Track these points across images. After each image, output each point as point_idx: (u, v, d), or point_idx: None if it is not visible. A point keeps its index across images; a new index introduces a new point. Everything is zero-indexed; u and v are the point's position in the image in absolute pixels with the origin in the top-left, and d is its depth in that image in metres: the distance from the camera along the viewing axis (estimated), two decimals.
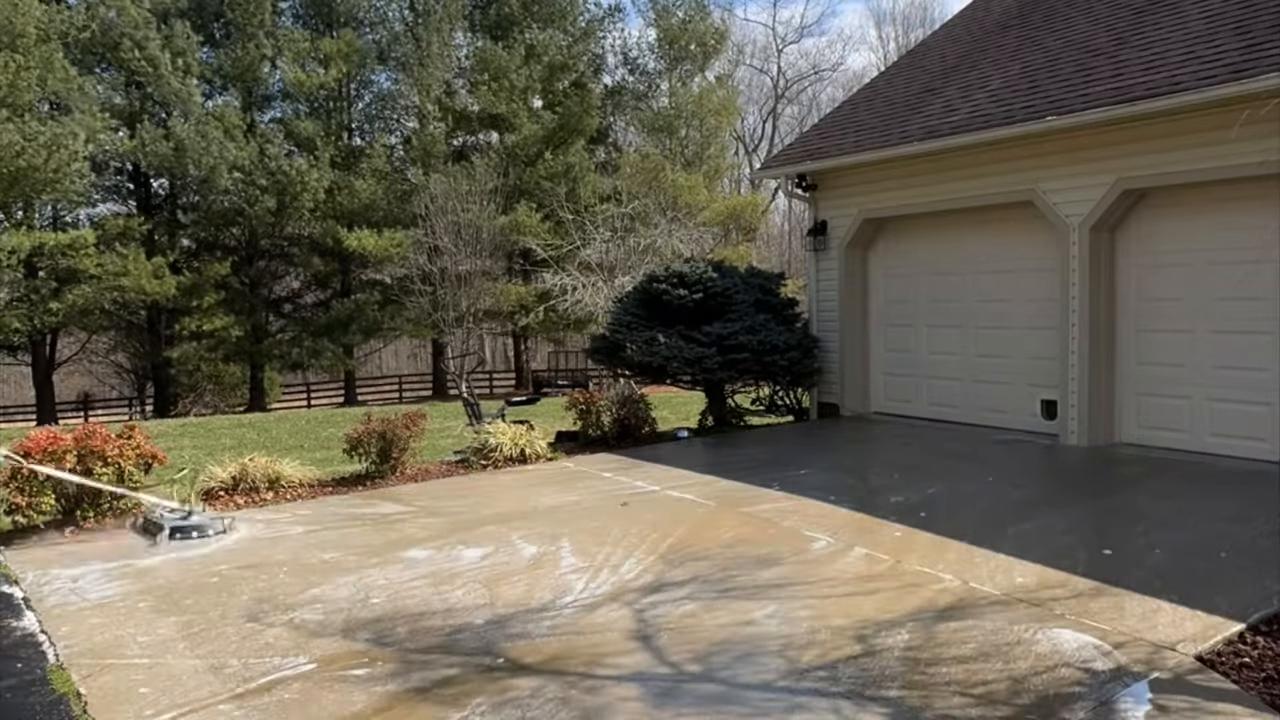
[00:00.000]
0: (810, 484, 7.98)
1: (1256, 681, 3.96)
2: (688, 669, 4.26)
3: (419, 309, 27.56)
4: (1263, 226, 8.02)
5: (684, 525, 6.77)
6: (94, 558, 6.27)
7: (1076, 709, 3.74)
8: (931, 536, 6.23)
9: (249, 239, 33.31)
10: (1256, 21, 8.24)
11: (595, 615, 4.96)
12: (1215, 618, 4.59)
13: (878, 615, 4.81)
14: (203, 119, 30.38)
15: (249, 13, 31.76)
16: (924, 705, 3.81)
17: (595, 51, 37.38)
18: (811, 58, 68.70)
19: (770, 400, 12.69)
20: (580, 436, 10.61)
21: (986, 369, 10.60)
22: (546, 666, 4.29)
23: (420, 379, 39.49)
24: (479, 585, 5.47)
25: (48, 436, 7.07)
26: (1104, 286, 9.25)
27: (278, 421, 20.16)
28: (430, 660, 4.41)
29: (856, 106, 12.98)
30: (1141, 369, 9.19)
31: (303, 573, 5.82)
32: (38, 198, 27.00)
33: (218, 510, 7.39)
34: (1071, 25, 10.66)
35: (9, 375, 45.26)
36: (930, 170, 10.61)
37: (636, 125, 37.90)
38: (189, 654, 4.53)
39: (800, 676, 4.13)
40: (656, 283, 11.60)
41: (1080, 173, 9.17)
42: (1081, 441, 9.31)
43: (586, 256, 26.51)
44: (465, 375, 17.42)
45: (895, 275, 11.67)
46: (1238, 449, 8.36)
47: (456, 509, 7.52)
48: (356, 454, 8.83)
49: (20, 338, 30.14)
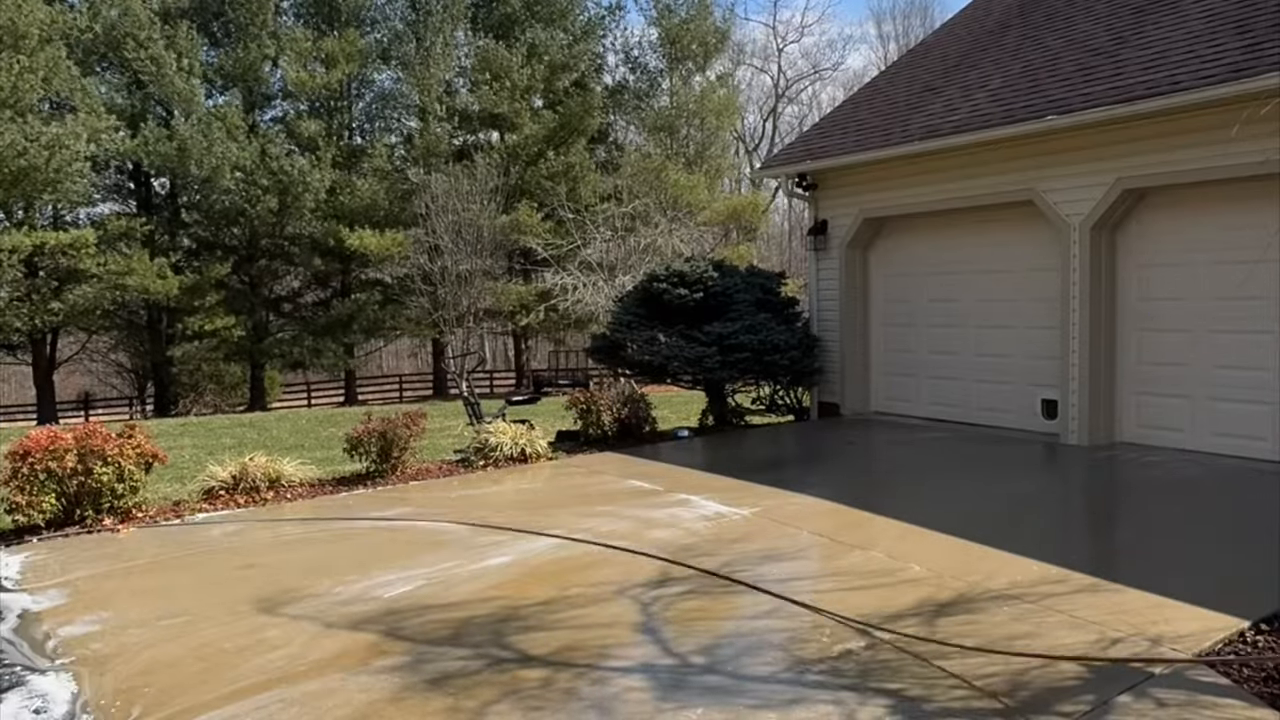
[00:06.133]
0: (811, 482, 7.98)
1: (1256, 680, 3.96)
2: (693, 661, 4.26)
3: (419, 308, 27.57)
4: (1263, 226, 8.01)
5: (687, 522, 6.77)
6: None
7: (1076, 704, 3.74)
8: (933, 534, 6.23)
9: (250, 238, 33.30)
10: (1257, 20, 8.23)
11: (604, 606, 4.96)
12: (1216, 616, 4.58)
13: (881, 608, 4.81)
14: (205, 119, 30.39)
15: (251, 12, 31.77)
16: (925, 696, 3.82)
17: (596, 51, 37.37)
18: (812, 57, 68.79)
19: (770, 400, 12.69)
20: (581, 436, 10.61)
21: (986, 369, 10.59)
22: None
23: (420, 378, 39.49)
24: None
25: (48, 436, 7.08)
26: (1104, 286, 9.24)
27: (278, 421, 20.16)
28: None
29: (857, 106, 12.98)
30: (1142, 368, 9.18)
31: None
32: (39, 197, 27.00)
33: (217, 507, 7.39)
34: (1072, 24, 10.66)
35: (9, 375, 45.31)
36: (931, 170, 10.60)
37: (637, 124, 37.90)
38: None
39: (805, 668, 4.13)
40: (657, 282, 11.60)
41: (1080, 172, 9.17)
42: (1082, 441, 9.31)
43: (587, 256, 26.52)
44: (466, 375, 17.40)
45: (895, 275, 11.67)
46: (1238, 448, 8.36)
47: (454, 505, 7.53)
48: (357, 454, 8.84)
49: (21, 337, 30.16)
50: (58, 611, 5.25)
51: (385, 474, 8.79)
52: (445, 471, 9.11)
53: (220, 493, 7.94)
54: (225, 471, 8.08)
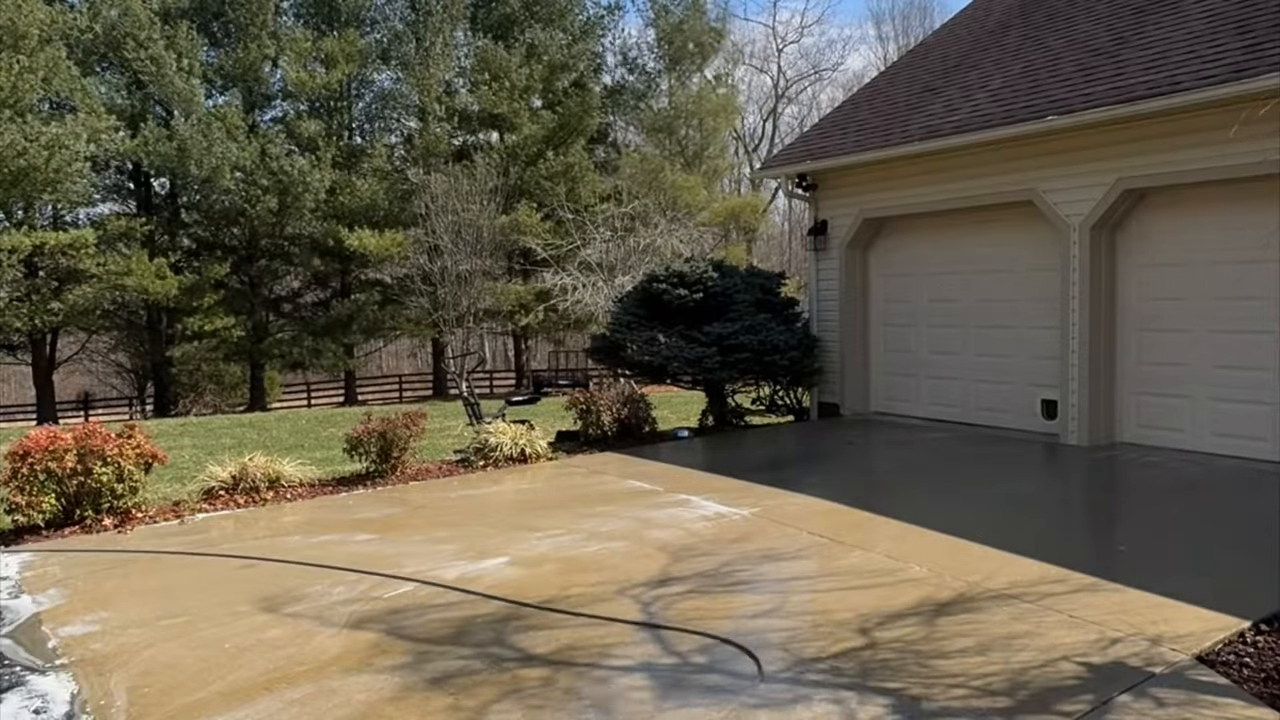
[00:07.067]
0: (810, 483, 7.97)
1: (1256, 681, 3.96)
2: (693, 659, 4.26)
3: (419, 308, 27.59)
4: (1263, 226, 8.01)
5: (687, 522, 6.77)
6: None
7: (1076, 703, 3.74)
8: (933, 534, 6.23)
9: (250, 238, 33.30)
10: (1258, 21, 8.23)
11: (608, 604, 4.96)
12: (1216, 616, 4.58)
13: (880, 607, 4.81)
14: (205, 119, 30.38)
15: (251, 12, 31.77)
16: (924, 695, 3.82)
17: (595, 51, 37.40)
18: (811, 58, 68.76)
19: (770, 400, 12.68)
20: (580, 436, 10.61)
21: (986, 369, 10.59)
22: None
23: (420, 379, 39.49)
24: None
25: (48, 436, 7.08)
26: (1104, 286, 9.24)
27: (278, 421, 20.15)
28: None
29: (857, 106, 12.98)
30: (1142, 368, 9.18)
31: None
32: (38, 197, 27.00)
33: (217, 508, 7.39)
34: (1073, 25, 10.66)
35: (9, 375, 45.31)
36: (931, 170, 10.60)
37: (636, 125, 37.94)
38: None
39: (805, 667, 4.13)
40: (657, 282, 11.60)
41: (1081, 172, 9.17)
42: (1082, 441, 9.31)
43: (586, 256, 26.52)
44: (465, 375, 17.41)
45: (895, 275, 11.67)
46: (1238, 449, 8.36)
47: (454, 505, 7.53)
48: (357, 454, 8.84)
49: (21, 337, 30.17)
50: (57, 612, 5.25)
51: (385, 474, 8.78)
52: (445, 472, 9.11)
53: (220, 493, 7.94)
54: (225, 472, 8.08)
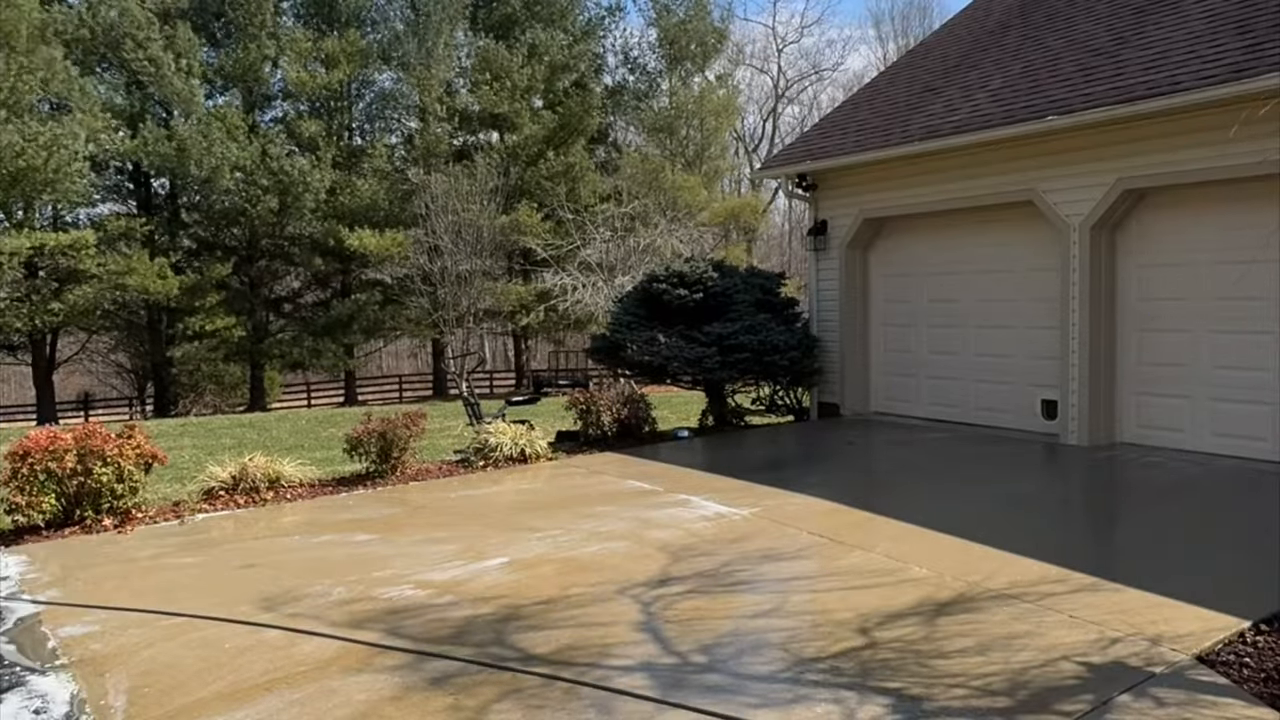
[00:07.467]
0: (811, 483, 7.97)
1: (1256, 681, 3.96)
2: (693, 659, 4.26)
3: (419, 309, 27.60)
4: (1263, 226, 8.01)
5: (687, 522, 6.77)
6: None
7: (1076, 703, 3.74)
8: (933, 534, 6.23)
9: (250, 239, 33.32)
10: (1258, 21, 8.23)
11: (608, 604, 4.96)
12: (1216, 616, 4.58)
13: (881, 607, 4.81)
14: (205, 119, 30.39)
15: (250, 12, 31.76)
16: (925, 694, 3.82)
17: (596, 51, 37.41)
18: (811, 58, 68.80)
19: (770, 400, 12.69)
20: (580, 436, 10.60)
21: (986, 369, 10.59)
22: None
23: (420, 379, 39.49)
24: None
25: (48, 436, 7.07)
26: (1104, 286, 9.24)
27: (278, 421, 20.15)
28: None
29: (857, 106, 12.98)
30: (1142, 369, 9.18)
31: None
32: (38, 198, 27.00)
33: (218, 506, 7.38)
34: (1073, 25, 10.66)
35: (9, 375, 45.32)
36: (931, 170, 10.60)
37: (637, 125, 37.94)
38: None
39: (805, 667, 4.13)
40: (657, 282, 11.60)
41: (1081, 172, 9.17)
42: (1082, 441, 9.30)
43: (587, 256, 26.54)
44: (465, 375, 17.42)
45: (895, 275, 11.67)
46: (1238, 449, 8.36)
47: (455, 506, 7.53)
48: (357, 454, 8.84)
49: (21, 337, 30.16)
50: (57, 612, 5.25)
51: (385, 474, 8.78)
52: (445, 472, 9.11)
53: (220, 493, 7.94)
54: (225, 472, 8.08)
